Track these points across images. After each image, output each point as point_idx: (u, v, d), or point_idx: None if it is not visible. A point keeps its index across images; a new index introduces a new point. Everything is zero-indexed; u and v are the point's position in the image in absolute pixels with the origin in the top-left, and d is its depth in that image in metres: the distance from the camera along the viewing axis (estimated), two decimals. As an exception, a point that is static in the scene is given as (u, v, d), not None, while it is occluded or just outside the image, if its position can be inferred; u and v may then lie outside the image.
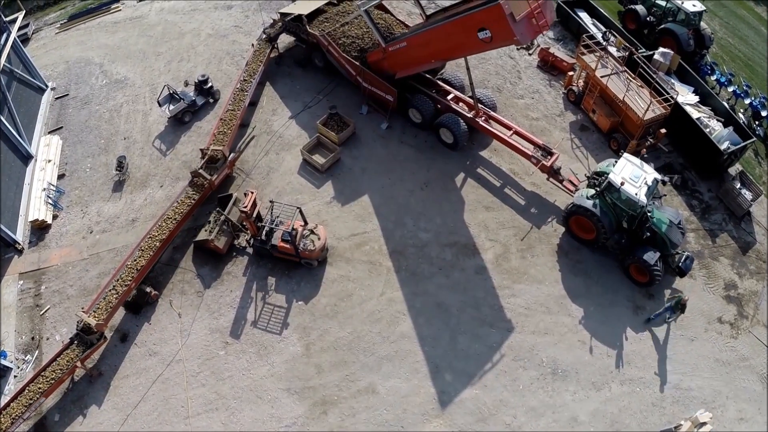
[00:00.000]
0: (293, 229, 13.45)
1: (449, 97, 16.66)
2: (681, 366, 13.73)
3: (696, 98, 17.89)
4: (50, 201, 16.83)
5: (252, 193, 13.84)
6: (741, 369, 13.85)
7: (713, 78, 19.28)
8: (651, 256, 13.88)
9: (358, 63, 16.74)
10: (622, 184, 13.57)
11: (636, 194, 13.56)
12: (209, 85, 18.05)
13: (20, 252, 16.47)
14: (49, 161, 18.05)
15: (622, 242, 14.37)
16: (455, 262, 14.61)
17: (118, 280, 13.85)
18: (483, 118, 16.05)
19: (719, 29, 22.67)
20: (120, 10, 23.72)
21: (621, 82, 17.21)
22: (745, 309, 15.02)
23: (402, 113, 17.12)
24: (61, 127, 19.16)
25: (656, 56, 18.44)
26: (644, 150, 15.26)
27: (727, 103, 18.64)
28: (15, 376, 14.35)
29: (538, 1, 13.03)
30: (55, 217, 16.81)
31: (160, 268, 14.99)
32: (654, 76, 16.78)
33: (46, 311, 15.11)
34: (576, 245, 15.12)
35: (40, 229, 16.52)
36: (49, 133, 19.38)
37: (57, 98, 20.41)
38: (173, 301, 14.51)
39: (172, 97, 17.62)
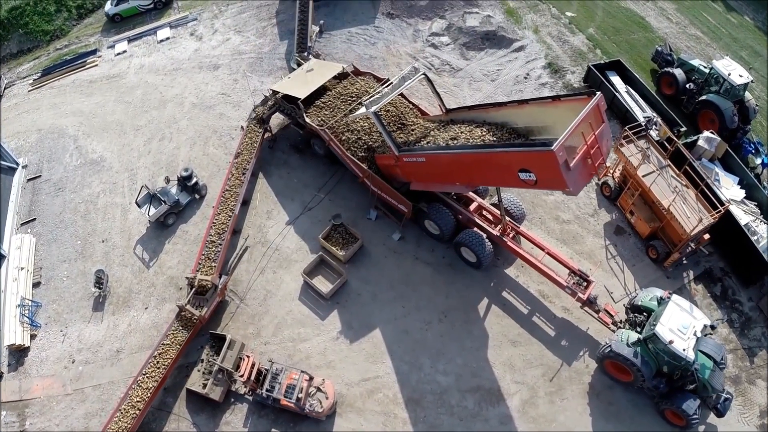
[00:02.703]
0: (298, 399, 10.83)
1: (472, 206, 13.38)
2: None
3: (742, 193, 14.68)
4: (26, 318, 13.83)
5: (248, 357, 10.95)
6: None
7: (758, 161, 15.92)
8: (690, 406, 11.46)
9: (365, 166, 13.33)
10: (671, 342, 10.88)
11: (684, 350, 10.89)
12: (194, 181, 14.60)
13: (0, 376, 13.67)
14: (22, 269, 14.82)
15: (660, 387, 11.84)
16: (478, 411, 12.03)
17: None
18: (511, 235, 12.91)
19: (755, 86, 18.88)
20: (96, 64, 19.66)
21: (665, 180, 13.90)
22: (779, 439, 12.74)
23: (417, 220, 13.83)
24: (34, 219, 15.78)
25: (700, 142, 15.04)
26: (694, 292, 12.27)
27: (769, 185, 15.46)
28: None
29: (595, 132, 9.52)
30: (33, 336, 13.91)
31: (151, 413, 12.32)
32: (703, 179, 13.53)
33: (33, 453, 12.56)
34: (608, 383, 12.54)
35: (18, 351, 13.67)
36: (22, 224, 16.00)
37: (29, 180, 16.82)
38: (167, 455, 11.96)
39: (153, 198, 14.18)
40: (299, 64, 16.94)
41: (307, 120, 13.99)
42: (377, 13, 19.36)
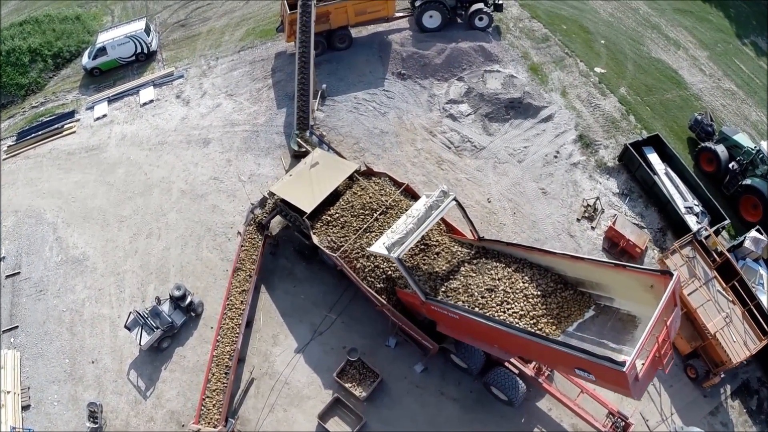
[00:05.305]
0: None
1: (504, 341, 10.94)
2: None
3: (788, 298, 12.49)
4: None
5: None
6: None
7: (802, 253, 13.60)
8: None
9: (384, 299, 10.70)
10: None
11: None
12: (188, 300, 12.00)
13: None
14: (8, 392, 12.39)
15: None
16: None
17: None
18: (546, 374, 10.66)
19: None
20: (74, 131, 16.27)
21: (711, 298, 11.59)
22: None
23: (442, 351, 11.29)
24: (17, 327, 13.17)
25: (747, 243, 12.67)
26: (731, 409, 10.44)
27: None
28: None
29: (667, 323, 7.14)
30: (29, 468, 11.81)
31: None
32: (753, 299, 11.34)
33: None
34: None
35: (17, 489, 11.64)
36: (4, 332, 13.37)
37: (8, 276, 13.98)
38: None
39: (144, 322, 11.59)
40: (300, 146, 13.90)
41: (315, 241, 11.25)
42: (387, 73, 15.87)
